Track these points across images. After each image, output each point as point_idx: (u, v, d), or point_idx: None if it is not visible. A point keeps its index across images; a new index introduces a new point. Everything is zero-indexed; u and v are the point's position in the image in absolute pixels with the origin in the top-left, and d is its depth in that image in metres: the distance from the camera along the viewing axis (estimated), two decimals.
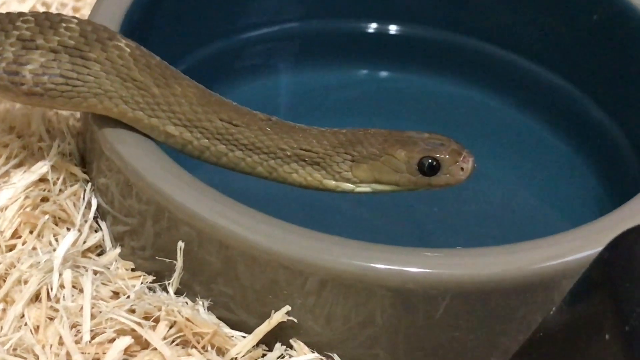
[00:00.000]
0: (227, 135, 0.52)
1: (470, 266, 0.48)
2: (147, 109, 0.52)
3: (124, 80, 0.52)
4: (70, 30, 0.53)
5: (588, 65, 0.68)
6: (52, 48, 0.53)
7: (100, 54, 0.52)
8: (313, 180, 0.53)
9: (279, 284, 0.49)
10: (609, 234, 0.41)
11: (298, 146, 0.52)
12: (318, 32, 0.73)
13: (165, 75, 0.53)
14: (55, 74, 0.52)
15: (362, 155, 0.52)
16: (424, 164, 0.51)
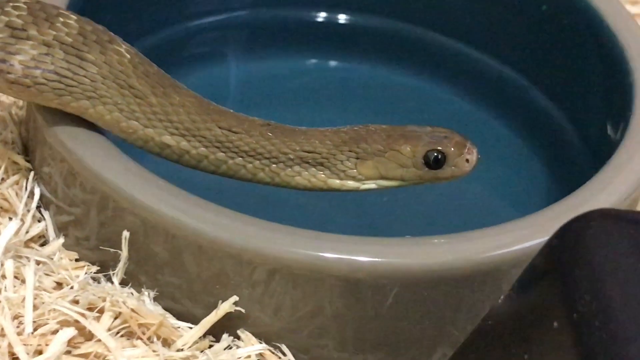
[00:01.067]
0: (227, 142, 0.52)
1: (419, 255, 0.48)
2: (143, 118, 0.51)
3: (121, 87, 0.51)
4: (68, 26, 0.51)
5: (536, 55, 0.68)
6: (46, 41, 0.51)
7: (99, 56, 0.51)
8: (317, 181, 0.53)
9: (226, 274, 0.49)
10: (557, 223, 0.41)
11: (300, 148, 0.52)
12: (267, 21, 0.72)
13: (163, 84, 0.51)
14: (49, 69, 0.51)
15: (367, 152, 0.52)
16: (429, 157, 0.51)
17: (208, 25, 0.71)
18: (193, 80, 0.68)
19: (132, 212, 0.49)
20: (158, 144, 0.52)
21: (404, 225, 0.62)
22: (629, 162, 0.54)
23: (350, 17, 0.73)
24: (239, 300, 0.49)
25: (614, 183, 0.53)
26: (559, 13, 0.65)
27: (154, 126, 0.51)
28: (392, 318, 0.49)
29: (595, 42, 0.63)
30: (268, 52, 0.72)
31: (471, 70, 0.71)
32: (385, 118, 0.69)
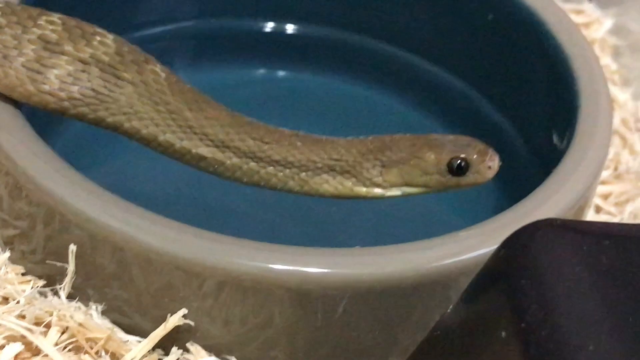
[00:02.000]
0: (259, 152, 0.53)
1: (368, 265, 0.48)
2: (179, 131, 0.53)
3: (157, 103, 0.52)
4: (105, 45, 0.53)
5: (484, 65, 0.68)
6: (82, 58, 0.52)
7: (136, 75, 0.52)
8: (344, 188, 0.54)
9: (174, 287, 0.48)
10: (505, 232, 0.41)
11: (328, 156, 0.53)
12: (214, 31, 0.72)
13: (197, 100, 0.53)
14: (87, 86, 0.52)
15: (392, 160, 0.53)
16: (453, 164, 0.52)
17: (154, 36, 0.70)
18: None
19: (78, 225, 0.49)
20: (195, 157, 0.53)
21: (354, 235, 0.63)
22: (575, 170, 0.54)
23: (298, 27, 0.73)
24: (188, 313, 0.49)
25: (561, 192, 0.53)
26: (505, 23, 0.66)
27: (190, 139, 0.53)
28: (342, 328, 0.49)
29: (541, 51, 0.63)
30: (215, 63, 0.72)
31: (419, 80, 0.72)
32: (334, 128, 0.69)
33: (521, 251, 0.36)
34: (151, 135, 0.53)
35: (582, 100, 0.59)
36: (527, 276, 0.35)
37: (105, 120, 0.53)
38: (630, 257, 0.36)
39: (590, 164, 0.55)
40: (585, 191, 0.54)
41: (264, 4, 0.72)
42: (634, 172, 0.70)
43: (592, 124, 0.57)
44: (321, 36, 0.73)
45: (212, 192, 0.62)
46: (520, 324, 0.35)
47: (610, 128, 0.59)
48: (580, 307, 0.34)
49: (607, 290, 0.35)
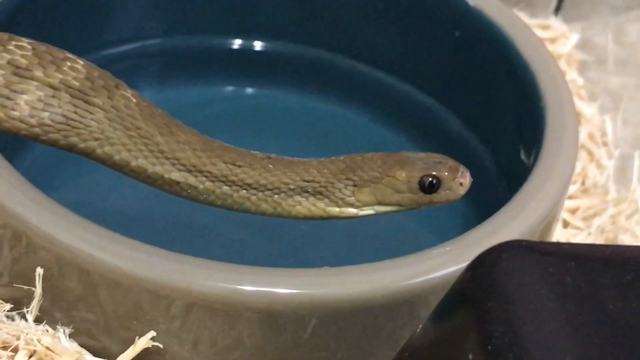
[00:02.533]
0: (231, 176, 0.53)
1: (337, 285, 0.48)
2: (151, 157, 0.53)
3: (128, 129, 0.52)
4: (76, 70, 0.52)
5: (451, 81, 0.69)
6: (52, 84, 0.52)
7: (106, 100, 0.52)
8: (317, 209, 0.54)
9: (143, 309, 0.48)
10: (474, 250, 0.42)
11: (300, 178, 0.53)
12: (181, 49, 0.72)
13: (168, 124, 0.53)
14: (57, 112, 0.52)
15: (364, 180, 0.53)
16: (424, 182, 0.52)
17: (121, 54, 0.70)
18: None
19: (45, 248, 0.49)
20: (167, 182, 0.53)
21: (324, 252, 0.63)
22: (543, 186, 0.55)
23: (266, 44, 0.73)
24: (157, 335, 0.49)
25: (529, 208, 0.53)
26: (472, 40, 0.66)
27: (162, 164, 0.53)
28: (311, 348, 0.49)
29: (508, 67, 0.64)
30: (183, 80, 0.72)
31: (387, 97, 0.72)
32: (302, 145, 0.70)
33: (487, 273, 0.36)
34: (124, 161, 0.53)
35: (549, 115, 0.59)
36: (493, 298, 0.36)
37: (77, 146, 0.53)
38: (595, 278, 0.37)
39: (558, 179, 0.56)
40: (553, 207, 0.54)
41: (232, 21, 0.72)
42: (601, 186, 0.71)
43: (558, 139, 0.58)
44: (289, 53, 0.73)
45: (181, 209, 0.62)
46: (487, 346, 0.35)
47: (577, 143, 0.59)
48: (546, 330, 0.34)
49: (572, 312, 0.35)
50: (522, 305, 0.35)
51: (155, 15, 0.71)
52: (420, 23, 0.69)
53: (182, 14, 0.71)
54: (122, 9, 0.69)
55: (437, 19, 0.68)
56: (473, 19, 0.66)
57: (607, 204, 0.69)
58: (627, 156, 0.74)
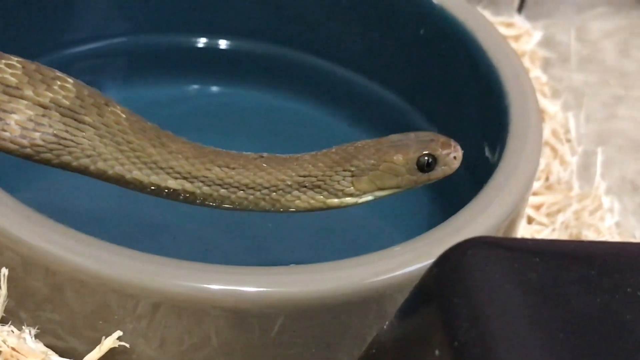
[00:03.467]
0: (227, 179, 0.54)
1: (303, 284, 0.48)
2: (145, 168, 0.53)
3: (120, 144, 0.52)
4: (66, 89, 0.52)
5: (415, 79, 0.69)
6: (42, 103, 0.52)
7: (97, 118, 0.52)
8: (316, 202, 0.54)
9: (109, 309, 0.48)
10: (440, 247, 0.42)
11: (296, 174, 0.54)
12: (147, 48, 0.72)
13: (159, 136, 0.53)
14: (48, 132, 0.52)
15: (361, 169, 0.54)
16: (422, 162, 0.53)
17: (86, 53, 0.70)
18: None
19: (10, 248, 0.48)
20: (164, 190, 0.54)
21: (289, 251, 0.63)
22: (507, 183, 0.55)
23: (231, 42, 0.73)
24: (123, 335, 0.49)
25: (494, 205, 0.54)
26: (436, 37, 0.67)
27: (157, 174, 0.53)
28: (279, 346, 0.49)
29: (471, 65, 0.64)
30: (148, 79, 0.72)
31: (352, 94, 0.72)
32: (269, 141, 0.70)
33: (453, 270, 0.37)
34: (118, 175, 0.53)
35: (513, 112, 0.60)
36: (459, 295, 0.36)
37: (71, 164, 0.53)
38: (559, 273, 0.37)
39: (522, 176, 0.56)
40: (518, 203, 0.55)
41: (196, 20, 0.72)
42: (565, 182, 0.72)
43: (522, 136, 0.58)
44: (254, 51, 0.73)
45: (146, 208, 0.62)
46: (453, 342, 0.35)
47: (541, 140, 0.60)
48: (512, 325, 0.35)
49: (537, 307, 0.36)
50: (488, 301, 0.35)
51: (120, 14, 0.70)
52: (385, 21, 0.69)
53: (146, 12, 0.71)
54: (86, 8, 0.69)
55: (401, 17, 0.68)
56: (437, 17, 0.66)
57: (571, 200, 0.69)
58: (590, 152, 0.75)
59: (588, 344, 0.35)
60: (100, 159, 0.53)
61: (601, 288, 0.37)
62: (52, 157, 0.52)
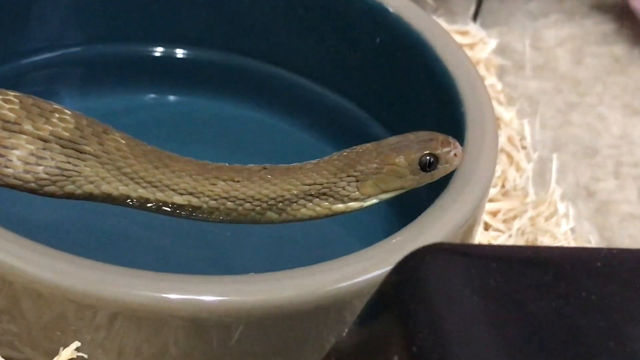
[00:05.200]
0: (233, 192, 0.54)
1: (263, 292, 0.48)
2: (150, 187, 0.53)
3: (121, 168, 0.53)
4: (65, 121, 0.52)
5: (373, 88, 0.69)
6: (42, 137, 0.51)
7: (98, 147, 0.52)
8: (322, 209, 0.55)
9: (67, 320, 0.48)
10: (398, 254, 0.42)
11: (301, 183, 0.54)
12: (102, 57, 0.71)
13: (160, 157, 0.54)
14: (51, 165, 0.52)
15: (365, 174, 0.55)
16: (424, 162, 0.54)
17: (41, 63, 0.69)
18: None
19: None
20: (171, 206, 0.54)
21: (248, 260, 0.62)
22: (464, 190, 0.55)
23: (188, 51, 0.73)
24: (81, 346, 0.48)
25: (451, 212, 0.54)
26: (392, 45, 0.67)
27: (162, 191, 0.54)
28: (238, 355, 0.49)
29: (428, 73, 0.64)
30: (104, 89, 0.71)
31: (309, 102, 0.72)
32: (227, 150, 0.70)
33: (411, 276, 0.37)
34: (123, 196, 0.54)
35: (469, 120, 0.60)
36: (417, 301, 0.36)
37: (75, 193, 0.53)
38: (516, 279, 0.37)
39: (479, 183, 0.56)
40: (475, 210, 0.55)
41: (153, 29, 0.72)
42: (521, 188, 0.72)
43: (479, 143, 0.59)
44: (211, 60, 0.73)
45: (103, 217, 0.61)
46: (411, 348, 0.35)
47: (497, 147, 0.60)
48: (470, 330, 0.35)
49: (495, 312, 0.36)
50: (446, 306, 0.36)
51: (75, 23, 0.70)
52: (341, 29, 0.69)
53: (102, 22, 0.70)
54: (41, 18, 0.69)
55: (357, 26, 0.68)
56: (393, 26, 0.66)
57: (527, 206, 0.70)
58: (545, 159, 0.76)
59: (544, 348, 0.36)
60: (104, 183, 0.53)
61: (557, 293, 0.38)
62: (56, 190, 0.53)
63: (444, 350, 0.34)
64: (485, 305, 0.36)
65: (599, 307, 0.38)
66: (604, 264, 0.39)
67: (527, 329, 0.36)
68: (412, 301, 0.36)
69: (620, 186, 0.76)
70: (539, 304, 0.37)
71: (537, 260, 0.39)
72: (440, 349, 0.34)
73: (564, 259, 0.39)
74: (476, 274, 0.37)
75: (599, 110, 0.83)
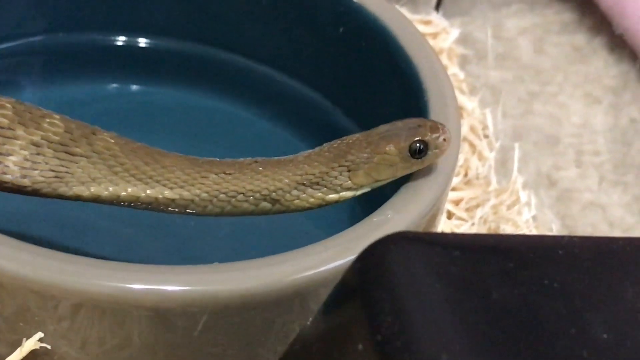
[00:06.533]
0: (224, 184, 0.54)
1: (227, 282, 0.48)
2: (140, 184, 0.53)
3: (112, 166, 0.53)
4: (55, 125, 0.52)
5: (336, 77, 0.69)
6: (34, 142, 0.52)
7: (87, 148, 0.53)
8: (316, 200, 0.56)
9: (30, 310, 0.47)
10: (362, 242, 0.42)
11: (293, 173, 0.55)
12: (64, 46, 0.71)
13: (150, 154, 0.54)
14: (45, 168, 0.52)
15: (356, 163, 0.55)
16: (414, 149, 0.54)
17: (1, 52, 0.68)
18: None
19: None
20: (162, 202, 0.54)
21: (212, 250, 0.62)
22: (427, 179, 0.56)
23: (150, 40, 0.72)
24: (45, 337, 0.48)
25: (414, 200, 0.54)
26: (355, 35, 0.67)
27: (153, 187, 0.54)
28: (203, 345, 0.49)
29: (391, 62, 0.65)
30: (66, 78, 0.71)
31: (274, 92, 0.72)
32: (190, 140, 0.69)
33: (375, 265, 0.37)
34: (113, 196, 0.54)
35: (432, 109, 0.60)
36: (381, 289, 0.36)
37: (66, 194, 0.53)
38: (479, 266, 0.38)
39: (441, 171, 0.57)
40: (438, 199, 0.56)
41: (115, 18, 0.71)
42: (483, 177, 0.73)
43: None
44: (174, 49, 0.72)
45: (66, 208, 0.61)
46: (376, 336, 0.35)
47: (460, 136, 0.60)
48: (433, 318, 0.35)
49: (458, 300, 0.36)
50: (410, 294, 0.36)
51: (37, 12, 0.69)
52: (305, 19, 0.69)
53: (64, 10, 0.70)
54: (1, 6, 0.68)
55: (321, 15, 0.68)
56: (356, 15, 0.67)
57: (489, 195, 0.70)
58: (507, 148, 0.76)
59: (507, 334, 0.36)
60: (94, 183, 0.53)
61: (519, 280, 0.38)
62: (50, 191, 0.53)
63: (408, 338, 0.34)
64: (449, 293, 0.36)
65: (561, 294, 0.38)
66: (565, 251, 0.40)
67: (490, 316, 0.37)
68: (376, 290, 0.36)
69: (581, 174, 0.77)
70: (502, 291, 0.37)
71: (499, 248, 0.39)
72: (404, 336, 0.35)
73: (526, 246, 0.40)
74: (439, 262, 0.37)
75: (560, 99, 0.83)
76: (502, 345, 0.36)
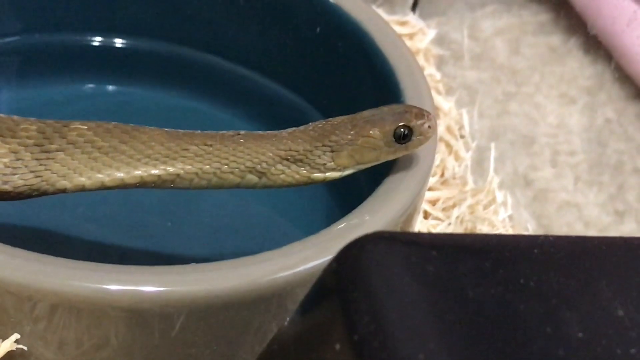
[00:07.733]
0: (207, 155, 0.54)
1: (204, 282, 0.48)
2: (123, 166, 0.53)
3: (90, 153, 0.52)
4: (28, 130, 0.52)
5: (313, 77, 0.70)
6: (12, 149, 0.52)
7: (62, 141, 0.52)
8: (301, 177, 0.55)
9: (6, 311, 0.47)
10: (339, 242, 0.42)
11: (276, 148, 0.54)
12: (40, 46, 0.70)
13: (126, 131, 0.53)
14: (25, 172, 0.52)
15: (340, 144, 0.55)
16: (399, 134, 0.54)
17: None
18: None
19: None
20: (149, 180, 0.54)
21: (190, 250, 0.62)
22: (403, 179, 0.56)
23: (127, 41, 0.72)
24: (21, 338, 0.48)
25: (391, 200, 0.54)
26: (331, 35, 0.67)
27: (136, 167, 0.53)
28: (180, 345, 0.49)
29: (367, 63, 0.65)
30: (42, 79, 0.70)
31: (249, 92, 0.72)
32: None
33: (352, 265, 0.37)
34: (97, 183, 0.53)
35: None
36: (358, 289, 0.36)
37: (48, 191, 0.53)
38: (455, 266, 0.38)
39: (418, 172, 0.57)
40: (414, 199, 0.56)
41: (91, 18, 0.71)
42: (460, 177, 0.73)
43: None
44: (150, 50, 0.72)
45: (41, 208, 0.61)
46: (353, 336, 0.35)
47: (436, 136, 0.61)
48: (410, 317, 0.35)
49: (435, 299, 0.36)
50: (386, 294, 0.36)
51: (12, 12, 0.69)
52: (282, 19, 0.69)
53: (40, 11, 0.70)
54: None
55: (297, 16, 0.69)
56: (332, 16, 0.67)
57: (466, 195, 0.71)
58: (483, 148, 0.77)
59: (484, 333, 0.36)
60: (75, 175, 0.53)
61: (496, 279, 0.38)
62: (32, 191, 0.53)
63: (385, 338, 0.35)
64: (426, 293, 0.36)
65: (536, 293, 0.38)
66: (541, 251, 0.40)
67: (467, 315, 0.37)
68: (353, 290, 0.36)
69: (557, 174, 0.77)
70: (478, 291, 0.38)
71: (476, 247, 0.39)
72: (381, 336, 0.35)
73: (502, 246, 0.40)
74: (416, 262, 0.37)
75: (536, 99, 0.84)
76: (478, 344, 0.36)
